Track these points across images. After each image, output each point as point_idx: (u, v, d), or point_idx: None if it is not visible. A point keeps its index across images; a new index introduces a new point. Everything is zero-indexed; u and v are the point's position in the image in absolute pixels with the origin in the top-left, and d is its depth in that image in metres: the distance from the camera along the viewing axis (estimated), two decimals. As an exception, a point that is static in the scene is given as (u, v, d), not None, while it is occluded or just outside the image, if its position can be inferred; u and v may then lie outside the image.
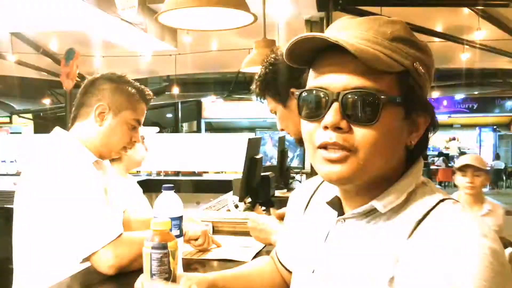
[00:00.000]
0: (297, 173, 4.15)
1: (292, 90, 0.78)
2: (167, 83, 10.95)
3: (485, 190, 12.69)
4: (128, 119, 1.58)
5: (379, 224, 0.73)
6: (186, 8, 1.76)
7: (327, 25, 4.31)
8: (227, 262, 1.49)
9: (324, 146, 0.71)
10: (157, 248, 0.79)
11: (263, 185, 2.53)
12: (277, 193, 3.02)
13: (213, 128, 17.53)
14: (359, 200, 0.75)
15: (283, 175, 3.41)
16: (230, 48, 6.97)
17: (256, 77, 1.57)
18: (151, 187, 5.38)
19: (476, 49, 6.36)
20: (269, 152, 4.47)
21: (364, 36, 0.70)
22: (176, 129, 14.85)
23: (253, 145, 2.43)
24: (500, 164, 13.81)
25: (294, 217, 0.98)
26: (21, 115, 14.13)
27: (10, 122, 15.28)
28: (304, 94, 0.74)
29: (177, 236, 1.14)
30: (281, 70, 1.39)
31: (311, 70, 0.76)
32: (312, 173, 5.06)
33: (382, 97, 0.68)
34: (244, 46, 6.14)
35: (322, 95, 0.71)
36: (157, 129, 2.77)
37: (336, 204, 0.82)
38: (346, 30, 0.72)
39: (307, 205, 0.94)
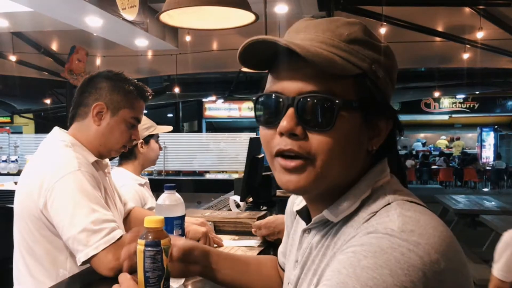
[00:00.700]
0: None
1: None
2: (167, 83, 10.96)
3: (486, 190, 12.56)
4: (126, 117, 1.56)
5: (333, 234, 0.71)
6: (188, 7, 1.76)
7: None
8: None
9: (281, 154, 0.68)
10: (150, 246, 0.79)
11: (264, 185, 2.53)
12: (278, 192, 3.01)
13: (214, 128, 17.54)
14: (321, 208, 0.73)
15: (284, 174, 3.41)
16: (231, 47, 6.97)
17: None
18: (152, 186, 5.39)
19: (477, 48, 6.35)
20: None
21: (320, 39, 0.67)
22: (177, 129, 14.85)
23: (255, 145, 2.42)
24: (502, 164, 13.78)
25: (289, 222, 0.96)
26: (22, 114, 14.15)
27: (11, 122, 15.31)
28: (260, 99, 0.71)
29: (180, 236, 1.13)
30: None
31: (269, 74, 0.73)
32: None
33: (337, 101, 0.65)
34: (245, 45, 6.13)
35: (278, 100, 0.68)
36: (171, 128, 2.75)
37: (304, 213, 0.80)
38: (303, 32, 0.70)
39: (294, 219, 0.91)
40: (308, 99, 0.66)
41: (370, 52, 0.69)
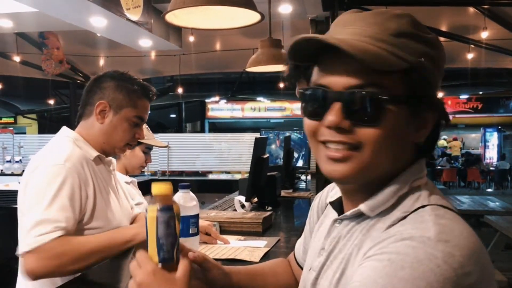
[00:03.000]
0: (302, 173, 4.14)
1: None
2: (170, 83, 10.97)
3: (489, 190, 12.41)
4: (129, 116, 1.57)
5: (365, 226, 0.71)
6: (193, 6, 1.75)
7: (332, 25, 4.25)
8: (235, 262, 1.48)
9: (327, 141, 0.71)
10: (164, 211, 0.75)
11: (269, 185, 2.52)
12: (283, 193, 3.01)
13: (216, 128, 17.54)
14: (359, 200, 0.73)
15: (289, 175, 3.40)
16: (234, 48, 6.97)
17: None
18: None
19: (481, 48, 6.32)
20: (274, 152, 4.46)
21: (368, 33, 0.68)
22: (179, 129, 14.87)
23: (260, 145, 2.41)
24: (505, 165, 13.72)
25: (314, 217, 0.97)
26: (25, 115, 14.19)
27: (15, 122, 15.35)
28: (306, 92, 0.73)
29: (195, 234, 1.13)
30: None
31: (315, 67, 0.74)
32: (318, 173, 5.03)
33: (385, 96, 0.66)
34: (248, 46, 6.13)
35: (324, 94, 0.70)
36: (163, 143, 2.72)
37: (336, 204, 0.81)
38: (350, 26, 0.70)
39: (326, 206, 0.92)
40: (356, 94, 0.67)
41: (418, 45, 0.69)
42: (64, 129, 1.60)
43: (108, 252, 1.39)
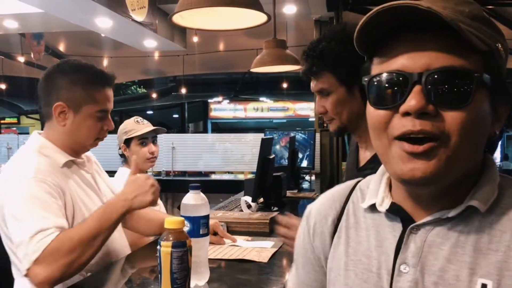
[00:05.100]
0: (306, 173, 4.14)
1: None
2: (173, 84, 10.99)
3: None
4: (91, 112, 1.46)
5: (474, 228, 0.63)
6: (200, 8, 1.76)
7: (337, 25, 4.27)
8: (243, 263, 1.48)
9: (405, 137, 0.61)
10: (178, 247, 0.79)
11: (275, 185, 2.53)
12: (288, 193, 3.01)
13: (219, 128, 17.55)
14: (435, 203, 0.65)
15: (294, 175, 3.41)
16: (238, 48, 6.98)
17: (321, 45, 1.34)
18: (160, 187, 5.36)
19: (485, 49, 6.32)
20: (278, 153, 4.46)
21: (444, 13, 0.59)
22: (182, 129, 14.88)
23: (266, 146, 2.42)
24: (509, 165, 13.70)
25: (318, 244, 0.76)
26: (29, 115, 14.22)
27: (18, 123, 15.40)
28: (375, 79, 0.65)
29: (205, 235, 1.14)
30: (357, 53, 0.99)
31: (375, 58, 0.67)
32: (322, 173, 5.01)
33: (476, 74, 0.60)
34: (251, 46, 6.15)
35: (399, 78, 0.61)
36: (150, 127, 2.59)
37: (400, 212, 0.68)
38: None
39: (335, 230, 0.75)
40: (441, 75, 0.60)
41: (490, 30, 0.64)
42: (33, 135, 1.50)
43: (107, 231, 1.29)
